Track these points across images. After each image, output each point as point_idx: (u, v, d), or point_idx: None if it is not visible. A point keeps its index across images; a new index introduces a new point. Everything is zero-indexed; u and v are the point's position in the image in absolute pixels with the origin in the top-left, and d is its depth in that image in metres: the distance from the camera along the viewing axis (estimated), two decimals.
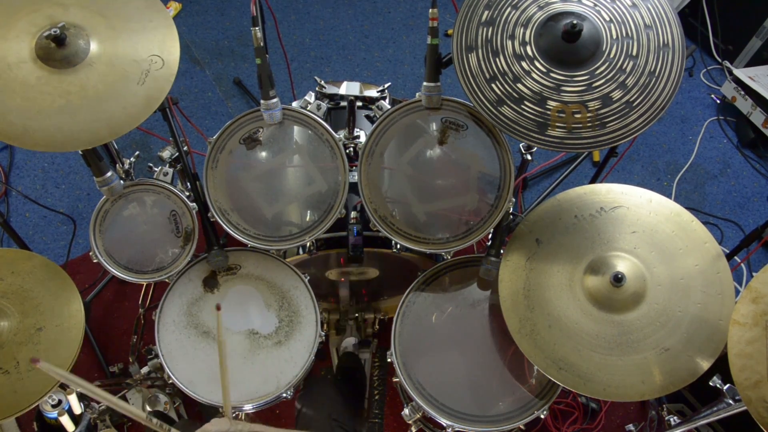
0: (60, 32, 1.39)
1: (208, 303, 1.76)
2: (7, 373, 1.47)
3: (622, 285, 1.50)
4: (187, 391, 1.65)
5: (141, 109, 1.45)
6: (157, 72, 1.46)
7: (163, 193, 1.72)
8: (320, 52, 3.16)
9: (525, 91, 1.42)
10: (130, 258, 1.73)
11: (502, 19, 1.44)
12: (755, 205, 2.83)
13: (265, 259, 1.81)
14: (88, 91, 1.42)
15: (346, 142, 1.90)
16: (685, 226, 1.60)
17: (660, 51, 1.42)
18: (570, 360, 1.49)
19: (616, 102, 1.41)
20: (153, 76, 1.46)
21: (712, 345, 1.47)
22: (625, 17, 1.43)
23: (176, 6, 3.22)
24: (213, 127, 2.83)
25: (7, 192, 2.63)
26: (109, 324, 2.34)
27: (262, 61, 1.52)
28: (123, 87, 1.45)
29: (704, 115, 3.09)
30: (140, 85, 1.45)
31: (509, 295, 1.58)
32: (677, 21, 1.43)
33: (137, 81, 1.45)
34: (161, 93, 1.47)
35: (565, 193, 1.68)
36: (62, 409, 1.64)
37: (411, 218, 1.67)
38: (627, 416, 2.26)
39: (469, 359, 1.70)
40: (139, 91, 1.45)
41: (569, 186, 1.78)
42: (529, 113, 1.42)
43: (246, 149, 1.67)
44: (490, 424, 1.62)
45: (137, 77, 1.45)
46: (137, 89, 1.45)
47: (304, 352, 1.72)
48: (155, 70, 1.46)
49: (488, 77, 1.43)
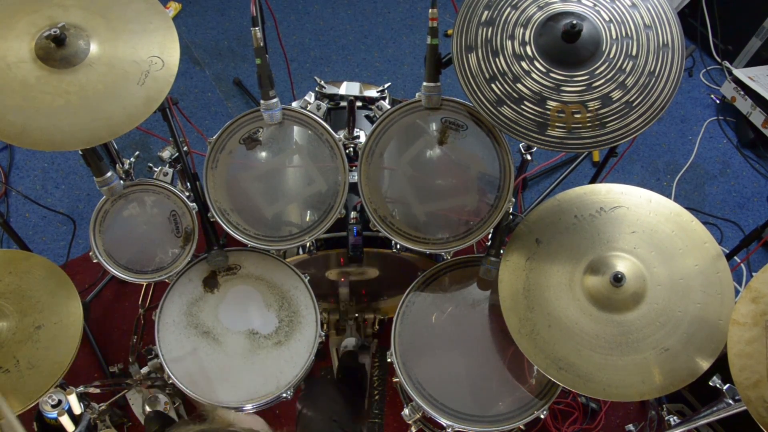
0: (60, 32, 1.39)
1: (208, 303, 1.76)
2: (7, 371, 1.48)
3: (622, 285, 1.50)
4: (187, 391, 1.65)
5: (141, 109, 1.45)
6: (156, 72, 1.46)
7: (163, 193, 1.72)
8: (320, 53, 3.16)
9: (525, 91, 1.42)
10: (130, 258, 1.73)
11: (501, 19, 1.45)
12: (755, 205, 2.83)
13: (265, 259, 1.81)
14: (87, 91, 1.42)
15: (346, 142, 1.90)
16: (684, 226, 1.60)
17: (660, 51, 1.42)
18: (570, 360, 1.49)
19: (616, 102, 1.41)
20: (153, 76, 1.46)
21: (712, 345, 1.47)
22: (624, 17, 1.43)
23: (176, 6, 3.22)
24: (213, 127, 2.83)
25: (7, 192, 2.63)
26: (109, 324, 2.34)
27: (262, 61, 1.52)
28: (123, 87, 1.45)
29: (704, 115, 3.09)
30: (140, 86, 1.45)
31: (509, 295, 1.58)
32: (677, 21, 1.43)
33: (137, 81, 1.45)
34: (161, 93, 1.47)
35: (565, 193, 1.68)
36: (62, 409, 1.64)
37: (411, 218, 1.67)
38: (627, 416, 2.25)
39: (469, 359, 1.71)
40: (139, 92, 1.45)
41: (569, 186, 1.78)
42: (528, 113, 1.42)
43: (246, 149, 1.67)
44: (490, 424, 1.62)
45: (137, 77, 1.45)
46: (137, 89, 1.45)
47: (304, 352, 1.72)
48: (155, 70, 1.46)
49: (488, 77, 1.43)
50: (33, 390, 1.48)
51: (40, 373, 1.49)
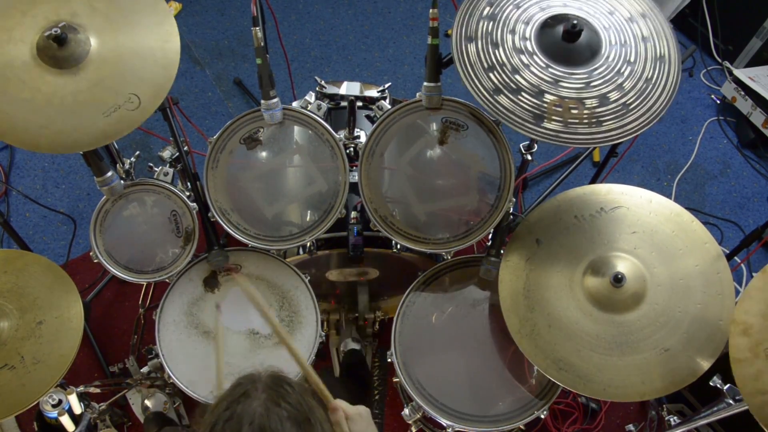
0: (61, 32, 1.39)
1: (209, 303, 1.76)
2: (13, 368, 1.50)
3: (622, 285, 1.50)
4: (187, 391, 1.65)
5: (140, 110, 1.44)
6: (127, 111, 1.45)
7: (163, 193, 1.72)
8: (320, 52, 3.16)
9: (523, 83, 1.41)
10: (130, 258, 1.73)
11: (503, 15, 1.45)
12: (755, 205, 2.83)
13: (265, 259, 1.81)
14: (88, 92, 1.42)
15: (347, 142, 1.90)
16: (685, 226, 1.60)
17: (656, 62, 1.43)
18: (570, 360, 1.49)
19: (613, 102, 1.41)
20: (122, 112, 1.44)
21: (712, 345, 1.47)
22: (623, 27, 1.45)
23: (176, 6, 3.22)
24: (213, 127, 2.83)
25: (7, 192, 2.63)
26: (109, 324, 2.33)
27: (262, 61, 1.52)
28: (123, 87, 1.44)
29: (704, 115, 3.09)
30: (105, 116, 1.42)
31: (509, 295, 1.58)
32: (674, 37, 1.46)
33: (103, 112, 1.42)
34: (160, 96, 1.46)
35: (565, 194, 1.68)
36: (62, 409, 1.64)
37: (411, 218, 1.67)
38: (627, 416, 2.25)
39: (469, 359, 1.71)
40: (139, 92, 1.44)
41: (569, 186, 1.78)
42: (525, 104, 1.41)
43: (246, 149, 1.67)
44: (490, 424, 1.62)
45: (107, 107, 1.43)
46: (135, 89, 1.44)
47: (305, 352, 1.72)
48: (128, 108, 1.45)
49: (486, 67, 1.42)
50: (41, 384, 1.50)
51: (47, 367, 1.51)
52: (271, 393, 0.97)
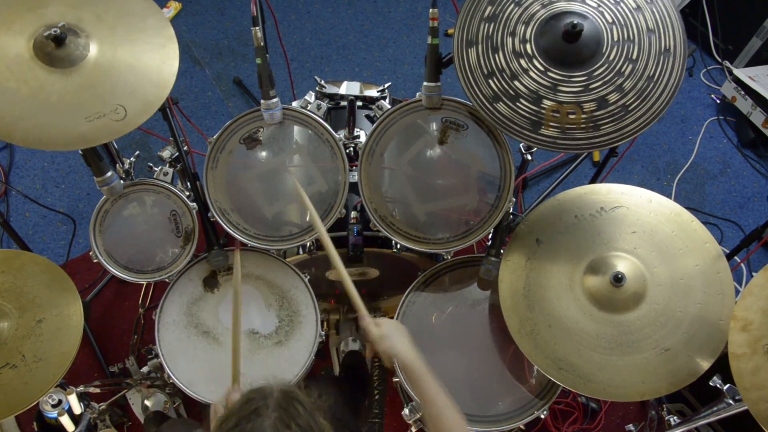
0: (60, 32, 1.39)
1: (209, 303, 1.76)
2: (15, 367, 1.51)
3: (622, 285, 1.50)
4: (187, 390, 1.65)
5: (140, 110, 1.44)
6: (112, 121, 1.44)
7: (163, 192, 1.72)
8: (320, 52, 3.16)
9: (521, 89, 1.41)
10: (130, 258, 1.73)
11: (504, 15, 1.44)
12: (755, 205, 2.83)
13: (265, 259, 1.81)
14: (75, 94, 1.42)
15: (347, 141, 1.90)
16: (685, 226, 1.60)
17: (661, 56, 1.41)
18: (570, 360, 1.49)
19: (612, 105, 1.40)
20: (106, 121, 1.43)
21: (713, 345, 1.47)
22: (628, 20, 1.43)
23: (176, 6, 3.22)
24: (213, 126, 2.83)
25: (7, 192, 2.63)
26: (109, 324, 2.33)
27: (262, 60, 1.52)
28: (123, 88, 1.44)
29: (704, 115, 3.09)
30: (89, 122, 1.41)
31: (509, 295, 1.58)
32: (681, 26, 1.42)
33: (87, 117, 1.42)
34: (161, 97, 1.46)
35: (565, 193, 1.68)
36: (62, 409, 1.64)
37: (411, 218, 1.67)
38: (627, 416, 2.25)
39: (469, 359, 1.70)
40: (138, 93, 1.44)
41: (569, 186, 1.78)
42: (523, 111, 1.41)
43: (246, 149, 1.67)
44: (490, 424, 1.62)
45: (91, 114, 1.42)
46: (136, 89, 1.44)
47: (305, 352, 1.72)
48: (113, 118, 1.44)
49: (486, 73, 1.42)
50: (44, 382, 1.50)
51: (49, 365, 1.51)
52: (282, 413, 0.96)
